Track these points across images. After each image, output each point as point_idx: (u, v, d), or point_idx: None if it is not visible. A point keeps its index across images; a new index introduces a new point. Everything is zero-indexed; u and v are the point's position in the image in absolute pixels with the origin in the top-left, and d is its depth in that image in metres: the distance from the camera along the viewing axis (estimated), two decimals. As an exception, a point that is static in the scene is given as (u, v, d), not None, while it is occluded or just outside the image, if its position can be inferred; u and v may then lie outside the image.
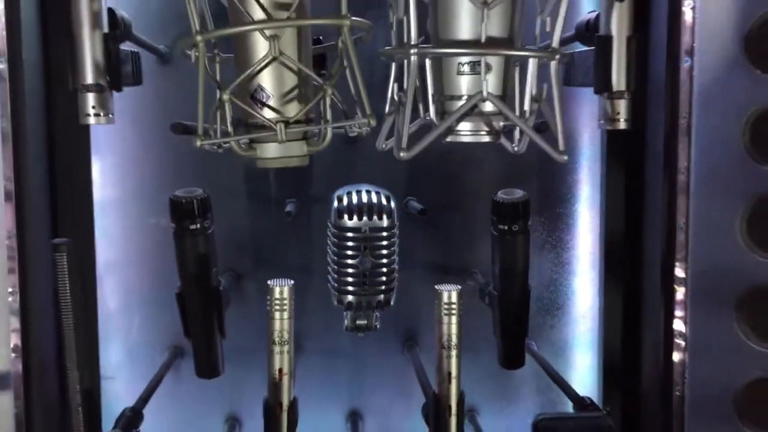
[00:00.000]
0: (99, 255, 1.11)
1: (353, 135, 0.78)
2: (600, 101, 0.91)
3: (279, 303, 0.83)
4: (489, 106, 0.77)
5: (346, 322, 0.96)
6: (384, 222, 0.89)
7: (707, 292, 1.06)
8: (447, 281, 0.91)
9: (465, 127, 0.78)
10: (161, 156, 1.13)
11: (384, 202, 0.90)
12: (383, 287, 0.92)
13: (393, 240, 0.91)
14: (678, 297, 1.06)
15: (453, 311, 0.85)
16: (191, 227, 0.88)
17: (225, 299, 0.94)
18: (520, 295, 0.96)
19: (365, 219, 0.89)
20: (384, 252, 0.90)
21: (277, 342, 0.84)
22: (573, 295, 1.20)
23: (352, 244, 0.89)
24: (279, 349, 0.84)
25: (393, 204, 0.91)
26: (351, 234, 0.89)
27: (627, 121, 0.89)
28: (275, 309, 0.83)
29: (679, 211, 1.03)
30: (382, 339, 1.15)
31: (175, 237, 0.89)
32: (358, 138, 0.87)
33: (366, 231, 0.89)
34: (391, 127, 0.84)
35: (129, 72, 0.84)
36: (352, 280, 0.91)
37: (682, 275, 1.05)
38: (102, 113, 0.81)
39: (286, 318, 0.83)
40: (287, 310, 0.84)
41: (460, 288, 0.85)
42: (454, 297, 0.85)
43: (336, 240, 0.90)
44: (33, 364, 0.99)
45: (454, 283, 0.90)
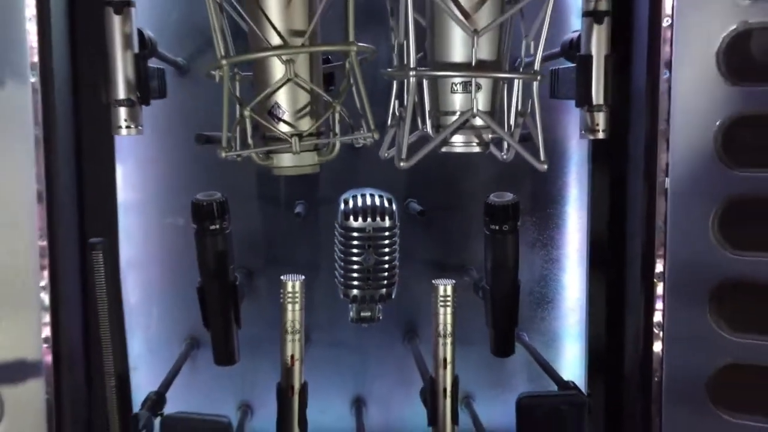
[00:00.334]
0: (121, 253, 1.20)
1: (359, 146, 0.91)
2: (581, 113, 1.01)
3: (291, 296, 0.95)
4: (479, 120, 0.88)
5: (351, 314, 1.06)
6: (386, 223, 1.00)
7: (683, 286, 1.16)
8: (444, 277, 1.00)
9: (458, 139, 0.89)
10: (178, 161, 1.23)
11: (386, 204, 1.01)
12: (385, 282, 1.03)
13: (394, 239, 1.03)
14: (657, 291, 1.16)
15: (448, 303, 0.96)
16: (211, 228, 0.99)
17: (240, 293, 1.06)
18: (510, 290, 1.07)
19: (369, 220, 1.00)
20: (386, 250, 1.02)
21: (290, 331, 0.96)
22: (562, 290, 1.31)
23: (357, 243, 1.00)
24: (291, 338, 0.96)
25: (394, 206, 1.02)
26: (356, 234, 1.00)
27: (605, 132, 0.99)
28: (288, 301, 0.96)
29: (658, 212, 1.13)
30: (384, 330, 1.25)
31: (196, 236, 1.00)
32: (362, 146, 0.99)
33: (370, 231, 1.00)
34: (392, 138, 0.96)
35: (155, 87, 0.96)
36: (357, 275, 1.02)
37: (660, 271, 1.15)
38: (133, 125, 0.92)
39: (297, 309, 0.96)
40: (298, 302, 0.96)
41: (454, 282, 0.96)
42: (449, 290, 0.96)
43: (342, 239, 1.01)
44: (62, 354, 1.12)
45: (450, 279, 0.99)
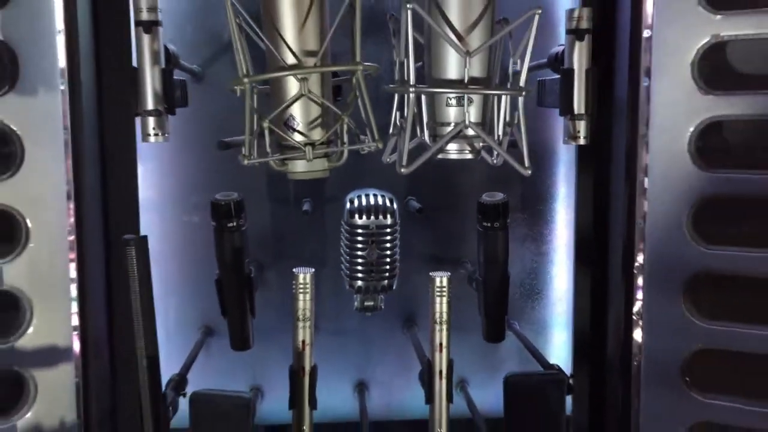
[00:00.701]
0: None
1: (364, 152, 1.04)
2: (564, 121, 1.12)
3: (302, 287, 1.07)
4: (471, 131, 1.00)
5: (356, 303, 1.19)
6: (388, 220, 1.13)
7: (660, 278, 1.23)
8: (440, 269, 1.10)
9: (452, 148, 1.02)
10: (194, 163, 1.33)
11: (388, 204, 1.14)
12: (387, 274, 1.16)
13: (395, 235, 1.15)
14: (637, 282, 1.23)
15: (444, 293, 1.07)
16: (229, 225, 1.12)
17: (255, 285, 1.18)
18: (501, 281, 1.19)
19: (372, 218, 1.12)
20: (388, 245, 1.14)
21: (301, 318, 1.08)
22: (550, 282, 1.41)
23: (361, 239, 1.13)
24: (302, 325, 1.08)
25: (395, 205, 1.15)
26: (361, 230, 1.13)
27: (586, 138, 1.11)
28: (299, 291, 1.07)
29: (638, 210, 1.21)
30: (385, 320, 1.37)
31: (215, 233, 1.13)
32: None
33: (373, 228, 1.13)
34: (394, 144, 1.09)
35: (178, 97, 1.07)
36: (361, 268, 1.15)
37: (640, 264, 1.23)
38: (160, 133, 1.05)
39: (308, 299, 1.07)
40: (309, 292, 1.07)
41: (450, 274, 1.07)
42: (445, 281, 1.07)
43: (348, 235, 1.14)
44: (89, 341, 1.21)
45: (446, 271, 1.09)
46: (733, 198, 1.21)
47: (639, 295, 1.23)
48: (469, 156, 1.03)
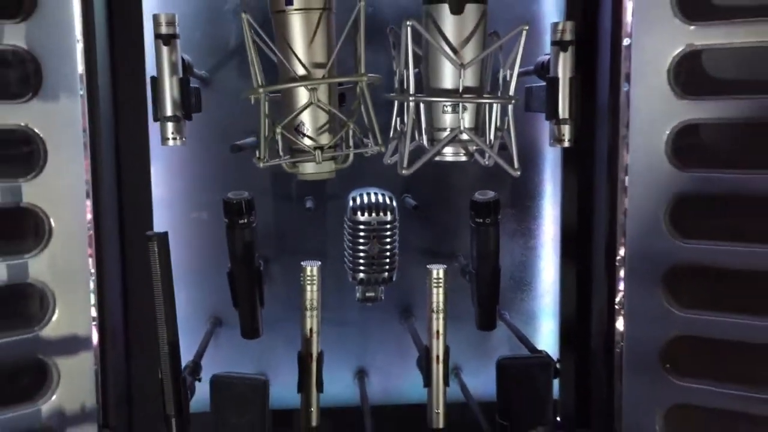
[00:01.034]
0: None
1: (368, 155, 1.15)
2: (550, 125, 1.22)
3: (310, 278, 1.18)
4: (465, 135, 1.11)
5: (357, 294, 1.29)
6: (388, 217, 1.23)
7: (640, 270, 1.32)
8: (436, 263, 1.18)
9: (448, 151, 1.14)
10: (203, 164, 1.41)
11: (388, 201, 1.24)
12: (387, 267, 1.26)
13: (395, 231, 1.25)
14: (619, 274, 1.33)
15: (440, 284, 1.16)
16: (240, 222, 1.22)
17: (264, 277, 1.29)
18: (492, 273, 1.29)
19: (374, 215, 1.22)
20: (388, 240, 1.25)
21: (309, 308, 1.18)
22: (538, 274, 1.50)
23: (363, 234, 1.23)
24: (309, 314, 1.19)
25: (395, 203, 1.25)
26: (363, 226, 1.23)
27: (570, 141, 1.20)
28: (307, 283, 1.18)
29: (620, 207, 1.31)
30: (383, 311, 1.45)
31: (227, 229, 1.23)
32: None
33: (374, 224, 1.23)
34: (394, 147, 1.19)
35: (193, 103, 1.18)
36: (363, 261, 1.25)
37: (621, 257, 1.32)
38: (178, 137, 1.15)
39: (315, 290, 1.18)
40: (316, 283, 1.18)
41: (446, 266, 1.17)
42: (441, 273, 1.16)
43: (351, 231, 1.24)
44: (106, 331, 1.32)
45: (442, 264, 1.18)
46: (707, 195, 1.30)
47: (621, 287, 1.33)
48: (464, 158, 1.14)
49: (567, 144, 1.22)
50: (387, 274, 1.26)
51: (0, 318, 1.27)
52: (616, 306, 1.34)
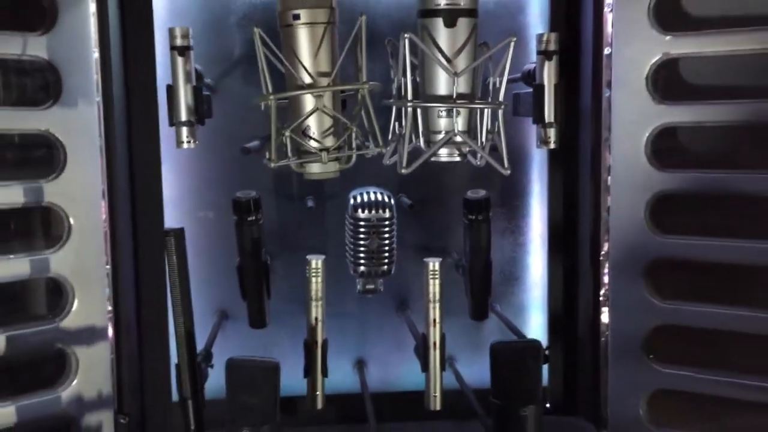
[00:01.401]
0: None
1: (369, 156, 1.26)
2: (537, 129, 1.30)
3: (315, 271, 1.29)
4: (459, 138, 1.21)
5: (358, 286, 1.38)
6: (386, 214, 1.32)
7: (623, 263, 1.39)
8: (431, 257, 1.27)
9: (443, 152, 1.24)
10: (208, 165, 1.49)
11: (386, 199, 1.33)
12: (386, 260, 1.34)
13: (393, 227, 1.34)
14: (603, 268, 1.41)
15: (436, 276, 1.26)
16: (248, 219, 1.32)
17: (270, 271, 1.40)
18: (484, 267, 1.38)
19: (373, 212, 1.31)
20: (386, 235, 1.33)
21: (314, 298, 1.29)
22: (527, 269, 1.58)
23: (364, 230, 1.32)
24: (315, 304, 1.29)
25: (392, 201, 1.33)
26: (363, 223, 1.32)
27: (555, 143, 1.29)
28: (312, 275, 1.29)
29: (603, 205, 1.39)
30: (381, 303, 1.52)
31: (236, 226, 1.33)
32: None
33: (374, 220, 1.31)
34: (393, 149, 1.29)
35: (205, 109, 1.28)
36: (363, 255, 1.33)
37: (605, 252, 1.40)
38: (192, 140, 1.25)
39: (320, 282, 1.29)
40: (320, 275, 1.29)
41: (441, 259, 1.27)
42: (436, 266, 1.26)
43: (352, 227, 1.33)
44: (121, 322, 1.39)
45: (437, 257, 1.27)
46: (685, 193, 1.38)
47: (605, 280, 1.42)
48: (458, 159, 1.25)
49: (552, 146, 1.31)
50: (386, 267, 1.35)
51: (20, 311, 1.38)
52: (601, 298, 1.43)
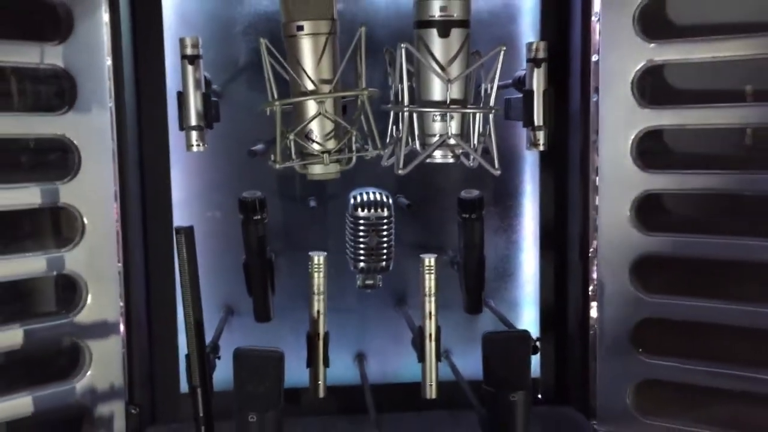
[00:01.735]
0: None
1: (368, 158, 1.36)
2: (527, 132, 1.36)
3: (317, 266, 1.38)
4: (453, 140, 1.31)
5: (358, 282, 1.46)
6: (385, 213, 1.40)
7: (610, 260, 1.49)
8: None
9: (438, 154, 1.33)
10: (215, 168, 1.57)
11: (385, 199, 1.41)
12: (384, 257, 1.41)
13: (391, 225, 1.41)
14: (592, 265, 1.50)
15: (432, 271, 1.33)
16: (254, 218, 1.40)
17: (275, 268, 1.49)
18: (478, 263, 1.46)
19: (372, 211, 1.40)
20: (385, 233, 1.40)
21: (316, 293, 1.38)
22: (520, 265, 1.65)
23: (363, 228, 1.40)
24: (317, 298, 1.38)
25: (391, 201, 1.42)
26: (363, 221, 1.40)
27: (544, 145, 1.35)
28: (314, 270, 1.37)
29: (591, 204, 1.49)
30: (380, 299, 1.61)
31: (243, 225, 1.41)
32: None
33: (373, 219, 1.39)
34: (390, 151, 1.38)
35: (213, 114, 1.36)
36: (363, 252, 1.41)
37: (594, 249, 1.49)
38: (201, 144, 1.34)
39: (322, 277, 1.37)
40: (322, 271, 1.37)
41: (437, 255, 1.34)
42: (432, 261, 1.33)
43: (352, 225, 1.41)
44: (132, 318, 1.50)
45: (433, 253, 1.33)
46: (668, 192, 1.51)
47: (594, 276, 1.51)
48: (451, 160, 1.34)
49: (542, 148, 1.38)
50: (384, 263, 1.43)
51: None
52: (590, 293, 1.53)
